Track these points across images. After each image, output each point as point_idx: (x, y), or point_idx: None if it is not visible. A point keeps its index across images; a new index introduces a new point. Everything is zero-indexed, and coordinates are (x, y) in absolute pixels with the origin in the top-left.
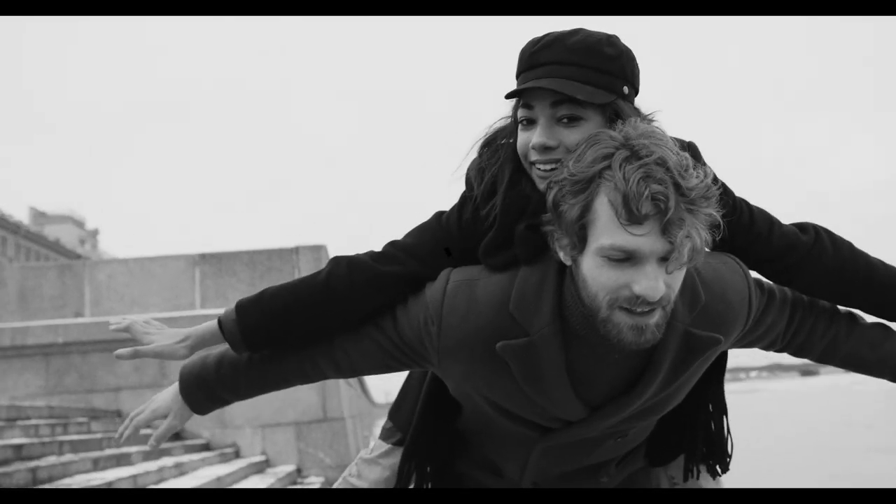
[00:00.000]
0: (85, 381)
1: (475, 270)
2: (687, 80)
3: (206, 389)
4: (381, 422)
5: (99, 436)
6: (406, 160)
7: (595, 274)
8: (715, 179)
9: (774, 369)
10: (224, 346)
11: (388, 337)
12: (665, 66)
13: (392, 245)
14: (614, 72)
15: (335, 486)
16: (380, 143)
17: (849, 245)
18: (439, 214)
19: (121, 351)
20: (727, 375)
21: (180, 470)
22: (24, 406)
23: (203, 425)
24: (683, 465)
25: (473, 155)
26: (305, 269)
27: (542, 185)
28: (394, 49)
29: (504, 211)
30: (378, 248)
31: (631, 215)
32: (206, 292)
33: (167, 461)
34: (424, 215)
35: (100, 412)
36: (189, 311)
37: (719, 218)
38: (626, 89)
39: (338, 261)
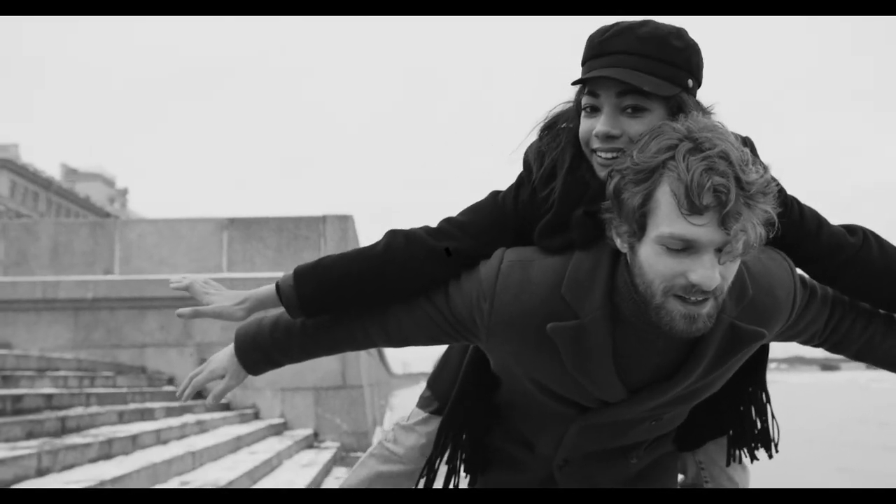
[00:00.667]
0: (112, 337)
1: (529, 251)
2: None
3: (261, 351)
4: (398, 391)
5: (124, 390)
6: (429, 138)
7: (653, 261)
8: (773, 177)
9: (795, 362)
10: (280, 310)
11: (439, 311)
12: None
13: (447, 221)
14: (680, 64)
15: (370, 451)
16: (405, 120)
17: (892, 245)
18: (495, 194)
19: (182, 310)
20: None
21: (201, 427)
22: (54, 357)
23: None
24: (727, 449)
25: (533, 137)
26: (332, 237)
27: (602, 173)
28: (420, 31)
29: (563, 195)
30: (433, 223)
31: (692, 206)
32: (233, 256)
33: (189, 418)
34: (445, 189)
35: (125, 367)
36: (216, 273)
37: (774, 215)
38: (690, 82)
39: (395, 233)
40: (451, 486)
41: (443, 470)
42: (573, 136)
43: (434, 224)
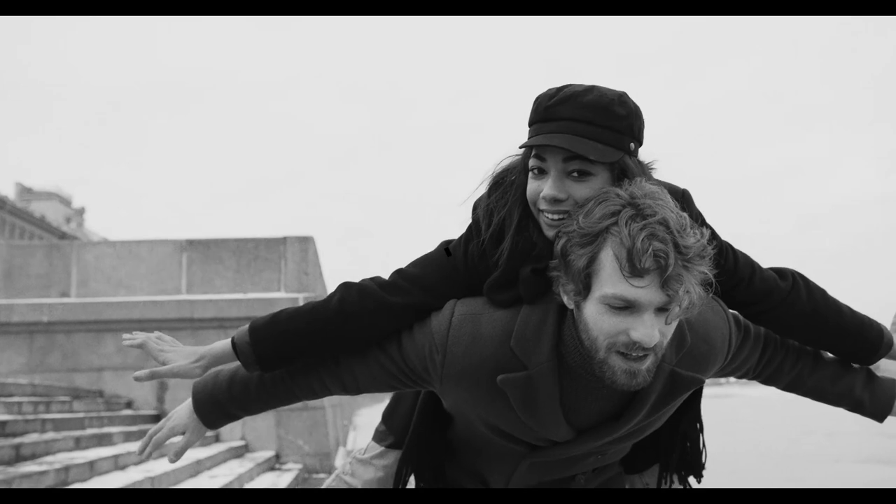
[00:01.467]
0: (68, 361)
1: (479, 304)
2: (680, 90)
3: (219, 407)
4: (362, 410)
5: (81, 415)
6: (400, 159)
7: (597, 319)
8: (710, 239)
9: None
10: (235, 364)
11: (393, 362)
12: (657, 73)
13: (399, 274)
14: (623, 130)
15: (328, 483)
16: (374, 140)
17: (822, 292)
18: (445, 244)
19: (139, 373)
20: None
21: (160, 452)
22: (8, 383)
23: None
24: (658, 475)
25: (482, 189)
26: (292, 258)
27: (549, 233)
28: (392, 47)
29: (511, 253)
30: (385, 275)
31: (633, 269)
32: (192, 278)
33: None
34: (413, 210)
35: (82, 391)
36: (175, 295)
37: (711, 276)
38: (632, 145)
39: (348, 287)
40: None
41: None
42: (521, 195)
43: (386, 277)
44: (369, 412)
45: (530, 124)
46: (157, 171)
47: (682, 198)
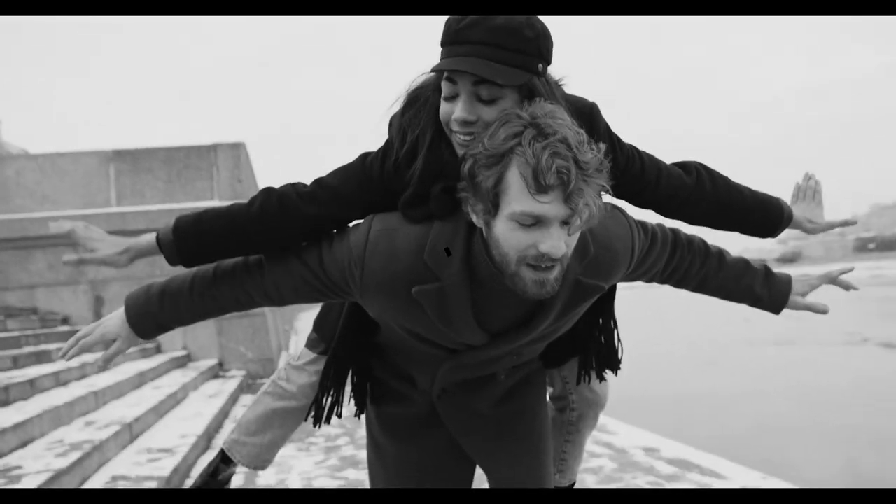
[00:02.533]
0: None
1: (395, 220)
2: None
3: (152, 319)
4: (302, 314)
5: (16, 333)
6: (328, 56)
7: (507, 236)
8: (610, 151)
9: None
10: (165, 279)
11: (314, 274)
12: None
13: (318, 184)
14: (532, 52)
15: (264, 388)
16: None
17: (724, 179)
18: (364, 157)
19: (67, 256)
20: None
21: (97, 365)
22: None
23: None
24: (577, 371)
25: (398, 107)
26: (224, 166)
27: (461, 152)
28: None
29: (423, 172)
30: (307, 181)
31: (539, 186)
32: (121, 189)
33: (88, 357)
34: (341, 115)
35: (14, 310)
36: (105, 208)
37: (609, 188)
38: (541, 66)
39: (269, 193)
40: (333, 416)
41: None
42: (433, 115)
43: (306, 183)
44: (309, 316)
45: (441, 45)
46: (78, 80)
47: (591, 111)
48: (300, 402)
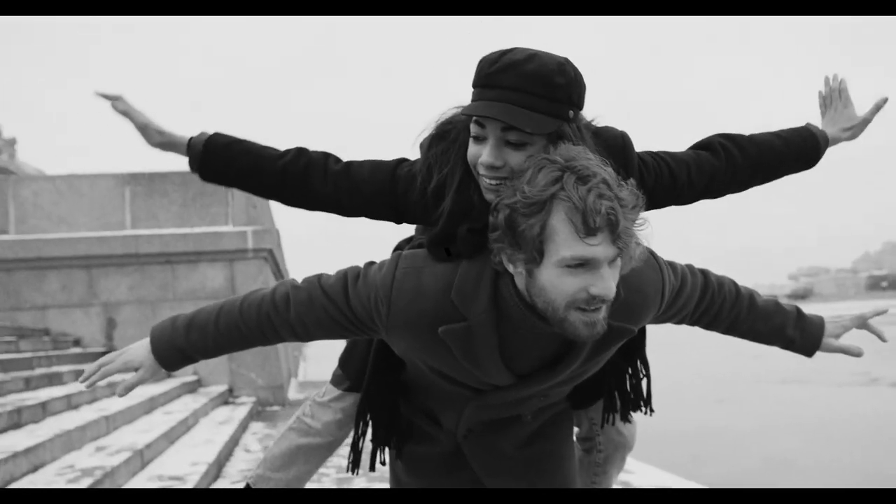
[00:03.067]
0: (10, 299)
1: (421, 258)
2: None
3: (177, 350)
4: (310, 342)
5: (28, 355)
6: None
7: (556, 282)
8: (639, 182)
9: None
10: (191, 313)
11: (340, 311)
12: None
13: (346, 169)
14: (562, 99)
15: (289, 424)
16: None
17: (748, 140)
18: (398, 164)
19: (114, 101)
20: None
21: (112, 389)
22: None
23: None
24: (601, 412)
25: (426, 134)
26: (239, 192)
27: (488, 196)
28: None
29: (450, 213)
30: (342, 156)
31: (588, 229)
32: (136, 212)
33: (100, 380)
34: (360, 129)
35: (27, 331)
36: (119, 230)
37: (645, 220)
38: (571, 113)
39: (299, 155)
40: (378, 461)
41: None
42: (463, 156)
43: (339, 159)
44: (317, 343)
45: (473, 86)
46: (93, 101)
47: (623, 141)
48: (325, 438)
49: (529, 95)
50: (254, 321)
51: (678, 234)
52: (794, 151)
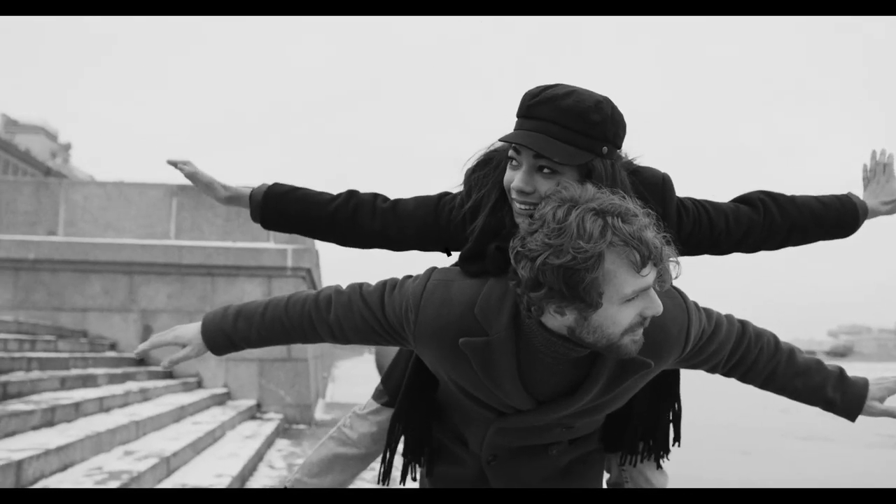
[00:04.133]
0: (53, 299)
1: (453, 273)
2: (674, 72)
3: (224, 335)
4: (340, 363)
5: (66, 355)
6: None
7: (618, 318)
8: (677, 220)
9: None
10: (242, 304)
11: (375, 317)
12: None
13: (394, 207)
14: (595, 135)
15: (329, 434)
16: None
17: (789, 200)
18: (441, 196)
19: (181, 163)
20: None
21: (144, 395)
22: None
23: (168, 354)
24: (620, 454)
25: (472, 163)
26: None
27: (517, 219)
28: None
29: (482, 231)
30: (388, 196)
31: (644, 263)
32: (181, 223)
33: (132, 386)
34: (402, 159)
35: (66, 331)
36: (163, 240)
37: (672, 239)
38: (605, 149)
39: (349, 198)
40: (409, 476)
41: (398, 462)
42: (499, 181)
43: (387, 198)
44: (346, 364)
45: (516, 116)
46: (147, 112)
47: (663, 183)
48: (360, 449)
49: (563, 129)
50: (296, 318)
51: (715, 284)
52: (832, 217)
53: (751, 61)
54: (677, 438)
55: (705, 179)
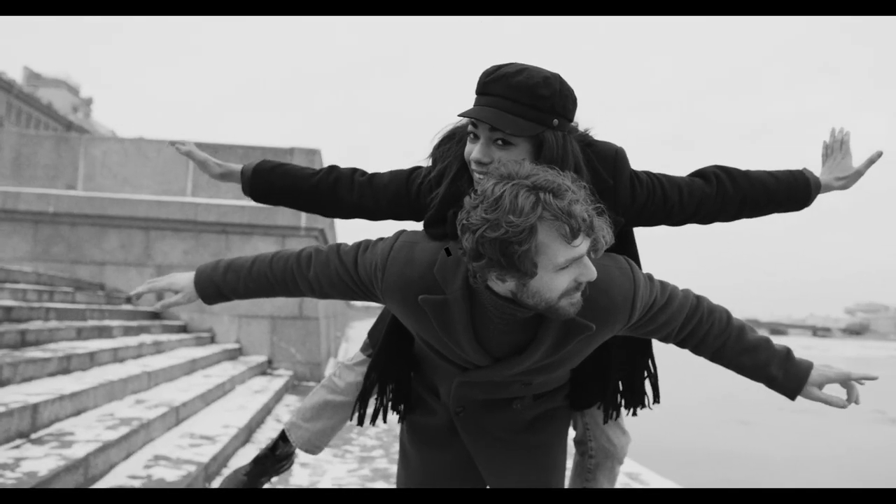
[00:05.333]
0: (72, 252)
1: (418, 235)
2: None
3: (214, 285)
4: (355, 323)
5: (83, 306)
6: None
7: (551, 285)
8: (631, 198)
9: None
10: (233, 258)
11: (349, 274)
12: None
13: (370, 180)
14: (544, 109)
15: (323, 382)
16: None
17: (743, 175)
18: (412, 171)
19: (179, 145)
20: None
21: (158, 348)
22: (13, 269)
23: (183, 308)
24: (602, 410)
25: (438, 138)
26: None
27: (478, 187)
28: None
29: (443, 198)
30: (367, 169)
31: (574, 235)
32: (197, 181)
33: (146, 338)
34: (416, 128)
35: (84, 283)
36: (180, 196)
37: (603, 207)
38: (555, 121)
39: (329, 172)
40: (378, 419)
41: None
42: (460, 153)
43: (365, 172)
44: (361, 325)
45: (475, 94)
46: (168, 71)
47: (615, 155)
48: (346, 397)
49: (514, 103)
50: (280, 273)
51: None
52: (783, 191)
53: (785, 37)
54: (656, 398)
55: (740, 156)
